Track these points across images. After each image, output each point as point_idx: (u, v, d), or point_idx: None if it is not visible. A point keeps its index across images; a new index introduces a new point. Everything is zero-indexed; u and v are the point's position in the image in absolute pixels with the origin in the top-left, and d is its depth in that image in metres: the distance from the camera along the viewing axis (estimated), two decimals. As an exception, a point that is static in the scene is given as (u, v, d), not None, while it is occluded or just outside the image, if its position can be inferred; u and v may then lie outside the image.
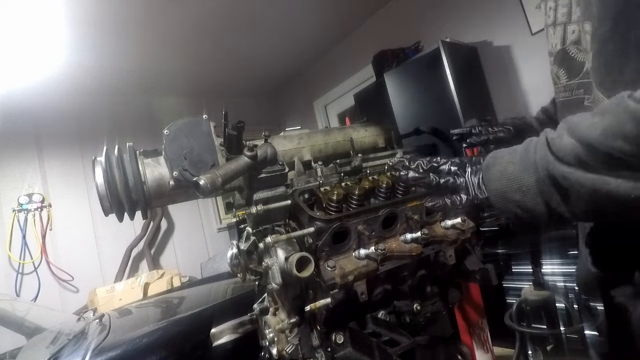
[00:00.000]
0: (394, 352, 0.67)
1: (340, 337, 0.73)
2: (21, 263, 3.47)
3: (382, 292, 0.79)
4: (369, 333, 0.75)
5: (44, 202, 3.67)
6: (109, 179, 0.67)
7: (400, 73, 3.00)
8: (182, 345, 1.42)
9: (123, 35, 3.11)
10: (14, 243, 3.50)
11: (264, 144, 0.72)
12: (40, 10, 2.56)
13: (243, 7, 3.13)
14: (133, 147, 0.72)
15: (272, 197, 0.72)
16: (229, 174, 0.64)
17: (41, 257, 3.55)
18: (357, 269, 0.70)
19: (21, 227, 3.53)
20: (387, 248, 0.73)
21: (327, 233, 0.70)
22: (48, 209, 3.70)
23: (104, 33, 3.00)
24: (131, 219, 0.72)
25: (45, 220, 3.65)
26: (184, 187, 0.70)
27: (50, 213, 3.69)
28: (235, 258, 0.73)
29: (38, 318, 2.00)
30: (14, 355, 1.67)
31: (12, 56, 2.97)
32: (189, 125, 0.71)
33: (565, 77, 0.69)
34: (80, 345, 1.46)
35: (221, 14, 3.15)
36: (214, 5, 2.99)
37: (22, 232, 3.52)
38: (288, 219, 0.76)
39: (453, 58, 2.64)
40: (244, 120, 0.68)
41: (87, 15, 2.73)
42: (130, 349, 1.38)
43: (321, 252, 0.70)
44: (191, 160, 0.69)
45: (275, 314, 0.83)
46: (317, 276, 0.68)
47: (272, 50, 3.99)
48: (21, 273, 3.47)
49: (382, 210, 0.75)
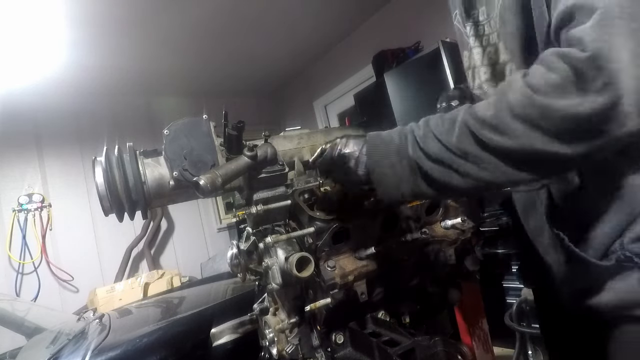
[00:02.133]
0: (394, 352, 0.67)
1: (340, 337, 0.73)
2: (21, 263, 3.47)
3: (382, 292, 0.79)
4: (369, 333, 0.75)
5: (44, 202, 3.67)
6: (109, 179, 0.67)
7: (400, 73, 3.00)
8: (182, 345, 1.42)
9: (123, 35, 3.11)
10: (14, 243, 3.50)
11: (264, 144, 0.72)
12: (40, 10, 2.56)
13: (243, 7, 3.13)
14: (133, 147, 0.71)
15: (272, 197, 0.72)
16: (229, 174, 0.64)
17: (41, 257, 3.55)
18: (357, 269, 0.70)
19: (21, 227, 3.53)
20: (387, 248, 0.73)
21: (327, 233, 0.70)
22: (48, 209, 3.69)
23: (104, 33, 3.00)
24: (131, 219, 0.72)
25: (45, 220, 3.65)
26: (184, 187, 0.70)
27: (50, 213, 3.69)
28: (235, 258, 0.73)
29: (38, 318, 2.00)
30: (14, 355, 1.67)
31: (12, 56, 2.97)
32: (189, 125, 0.71)
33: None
34: (80, 345, 1.46)
35: (221, 14, 3.15)
36: (214, 5, 2.98)
37: (22, 232, 3.52)
38: (288, 219, 0.76)
39: (453, 58, 2.64)
40: (244, 120, 0.68)
41: (87, 15, 2.73)
42: (130, 349, 1.38)
43: (321, 252, 0.70)
44: (191, 160, 0.69)
45: (275, 314, 0.83)
46: (317, 276, 0.68)
47: (272, 50, 3.99)
48: (21, 273, 3.47)
49: (382, 210, 0.75)
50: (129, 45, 3.27)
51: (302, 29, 3.71)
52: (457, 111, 0.57)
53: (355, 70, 4.05)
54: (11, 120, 3.44)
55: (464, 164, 0.54)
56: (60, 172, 3.83)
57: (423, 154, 0.57)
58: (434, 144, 0.56)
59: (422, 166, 0.57)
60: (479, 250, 0.89)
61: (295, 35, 3.80)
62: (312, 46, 4.18)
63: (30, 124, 3.71)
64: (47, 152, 3.81)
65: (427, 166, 0.57)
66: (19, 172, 3.64)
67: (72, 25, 2.80)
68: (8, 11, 2.48)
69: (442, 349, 0.65)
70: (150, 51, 3.47)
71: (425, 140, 0.57)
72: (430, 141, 0.57)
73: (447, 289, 0.91)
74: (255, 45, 3.79)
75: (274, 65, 4.42)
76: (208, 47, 3.65)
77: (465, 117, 0.54)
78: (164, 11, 2.93)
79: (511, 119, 0.49)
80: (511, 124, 0.49)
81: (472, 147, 0.53)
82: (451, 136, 0.55)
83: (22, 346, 1.75)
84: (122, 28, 3.01)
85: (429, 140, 0.57)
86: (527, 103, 0.48)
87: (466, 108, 0.56)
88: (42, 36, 2.84)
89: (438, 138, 0.56)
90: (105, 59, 3.37)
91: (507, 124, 0.49)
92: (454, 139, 0.54)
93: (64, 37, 2.92)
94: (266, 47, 3.87)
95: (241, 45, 3.75)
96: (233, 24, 3.36)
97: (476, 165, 0.53)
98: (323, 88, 4.59)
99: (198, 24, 3.22)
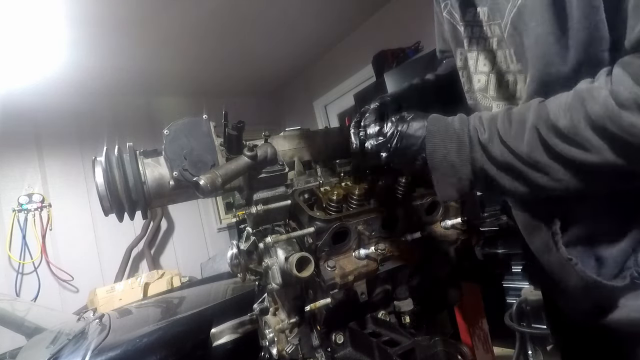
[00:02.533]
0: (394, 352, 0.67)
1: (340, 337, 0.73)
2: (21, 263, 3.47)
3: (382, 292, 0.79)
4: (369, 333, 0.75)
5: (44, 202, 3.67)
6: (109, 179, 0.67)
7: (400, 73, 3.00)
8: (182, 345, 1.42)
9: (123, 35, 3.11)
10: (14, 243, 3.50)
11: (264, 144, 0.72)
12: (40, 10, 2.56)
13: (243, 7, 3.13)
14: (133, 147, 0.71)
15: (272, 197, 0.72)
16: (229, 174, 0.64)
17: (41, 257, 3.55)
18: (357, 269, 0.70)
19: (21, 227, 3.53)
20: (387, 248, 0.73)
21: (327, 233, 0.69)
22: (48, 209, 3.70)
23: (104, 33, 3.00)
24: (131, 219, 0.72)
25: (45, 220, 3.65)
26: (184, 187, 0.70)
27: (50, 213, 3.69)
28: (235, 258, 0.73)
29: (38, 318, 2.00)
30: (14, 355, 1.67)
31: (12, 56, 2.97)
32: (189, 125, 0.71)
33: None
34: (80, 345, 1.46)
35: (221, 14, 3.15)
36: (214, 5, 2.98)
37: (22, 232, 3.52)
38: (288, 219, 0.76)
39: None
40: (244, 120, 0.68)
41: (87, 15, 2.73)
42: (130, 349, 1.38)
43: (321, 252, 0.70)
44: (191, 160, 0.69)
45: (275, 314, 0.83)
46: (317, 276, 0.68)
47: (272, 50, 3.99)
48: (21, 273, 3.47)
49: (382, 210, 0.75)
50: (129, 45, 3.27)
51: (302, 29, 3.71)
52: (527, 110, 0.53)
53: (355, 70, 4.05)
54: (11, 120, 3.44)
55: (532, 172, 0.52)
56: (60, 172, 3.83)
57: (489, 159, 0.55)
58: (501, 149, 0.54)
59: (488, 171, 0.55)
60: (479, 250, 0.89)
61: (295, 35, 3.80)
62: (312, 46, 4.18)
63: (30, 124, 3.71)
64: (47, 152, 3.81)
65: (492, 172, 0.55)
66: (19, 172, 3.64)
67: (72, 25, 2.80)
68: (8, 11, 2.48)
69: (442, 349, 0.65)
70: (150, 51, 3.47)
71: (492, 144, 0.55)
72: (497, 146, 0.54)
73: (447, 289, 0.91)
74: (255, 45, 3.79)
75: (274, 65, 4.42)
76: (208, 47, 3.65)
77: (537, 121, 0.51)
78: (164, 11, 2.93)
79: (591, 133, 0.46)
80: (591, 138, 0.46)
81: (543, 157, 0.50)
82: (521, 142, 0.52)
83: (22, 346, 1.75)
84: (122, 28, 3.01)
85: (495, 145, 0.54)
86: (612, 118, 0.44)
87: (535, 107, 0.52)
88: (42, 36, 2.84)
89: (506, 143, 0.53)
90: (105, 59, 3.37)
91: (587, 138, 0.46)
92: (525, 147, 0.51)
93: (64, 37, 2.92)
94: (266, 47, 3.87)
95: (241, 45, 3.75)
96: (233, 24, 3.35)
97: (545, 175, 0.51)
98: (323, 88, 4.59)
99: (198, 24, 3.22)
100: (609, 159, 0.46)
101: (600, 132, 0.45)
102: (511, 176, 0.54)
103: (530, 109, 0.53)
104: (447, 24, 0.78)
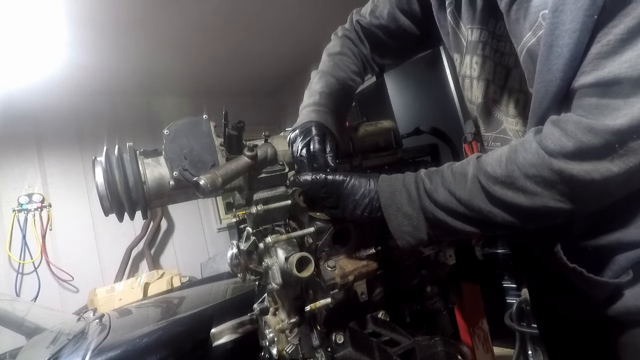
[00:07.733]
0: (394, 352, 0.67)
1: (340, 337, 0.73)
2: (21, 263, 3.47)
3: (382, 292, 0.79)
4: (369, 333, 0.75)
5: (44, 202, 3.67)
6: (109, 179, 0.67)
7: (400, 73, 3.01)
8: (182, 345, 1.42)
9: (123, 35, 3.11)
10: (14, 243, 3.50)
11: (264, 144, 0.72)
12: (40, 10, 2.56)
13: (243, 7, 3.13)
14: (133, 147, 0.71)
15: (272, 197, 0.72)
16: (229, 174, 0.64)
17: (41, 257, 3.55)
18: (357, 269, 0.70)
19: (21, 227, 3.53)
20: (386, 248, 0.73)
21: (327, 233, 0.69)
22: (48, 209, 3.70)
23: (104, 33, 3.00)
24: (131, 219, 0.72)
25: (45, 220, 3.65)
26: (184, 187, 0.70)
27: (50, 213, 3.70)
28: (235, 258, 0.73)
29: (38, 318, 2.00)
30: (14, 355, 1.67)
31: (12, 56, 2.97)
32: (189, 125, 0.71)
33: (483, 128, 0.77)
34: (80, 345, 1.46)
35: (221, 14, 3.15)
36: (214, 6, 2.99)
37: (22, 232, 3.52)
38: (288, 219, 0.76)
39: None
40: (244, 120, 0.68)
41: (87, 15, 2.73)
42: (130, 349, 1.38)
43: (321, 252, 0.70)
44: (191, 160, 0.68)
45: (275, 314, 0.82)
46: (317, 276, 0.68)
47: (272, 50, 3.99)
48: (21, 273, 3.48)
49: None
50: (129, 45, 3.27)
51: (302, 29, 3.71)
52: (467, 164, 0.58)
53: (355, 70, 4.05)
54: (11, 120, 3.44)
55: (475, 217, 0.56)
56: (60, 172, 3.83)
57: (436, 206, 0.59)
58: (445, 197, 0.58)
59: (439, 216, 0.59)
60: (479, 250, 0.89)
61: (295, 35, 3.80)
62: (312, 46, 4.16)
63: (30, 124, 3.71)
64: (47, 152, 3.81)
65: (442, 216, 0.59)
66: (19, 172, 3.64)
67: (72, 25, 2.80)
68: (8, 11, 2.49)
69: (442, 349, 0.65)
70: (150, 51, 3.47)
71: (436, 193, 0.59)
72: (442, 193, 0.58)
73: (447, 289, 0.91)
74: (255, 46, 3.79)
75: (274, 65, 4.41)
76: (208, 47, 3.65)
77: (477, 172, 0.55)
78: (164, 11, 2.93)
79: (524, 179, 0.50)
80: (525, 184, 0.50)
81: (485, 204, 0.54)
82: (463, 190, 0.56)
83: (22, 346, 1.75)
84: (122, 28, 3.01)
85: (440, 193, 0.59)
86: (541, 165, 0.49)
87: (474, 161, 0.57)
88: (42, 36, 2.84)
89: (449, 191, 0.58)
90: (105, 59, 3.37)
91: (522, 184, 0.51)
92: (467, 195, 0.56)
93: (64, 37, 2.92)
94: (266, 47, 3.87)
95: (241, 45, 3.75)
96: (233, 24, 3.36)
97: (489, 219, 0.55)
98: (323, 88, 4.58)
99: (198, 24, 3.22)
100: (543, 202, 0.50)
101: (533, 179, 0.50)
102: (460, 220, 0.58)
103: (470, 163, 0.57)
104: (450, 30, 0.78)
